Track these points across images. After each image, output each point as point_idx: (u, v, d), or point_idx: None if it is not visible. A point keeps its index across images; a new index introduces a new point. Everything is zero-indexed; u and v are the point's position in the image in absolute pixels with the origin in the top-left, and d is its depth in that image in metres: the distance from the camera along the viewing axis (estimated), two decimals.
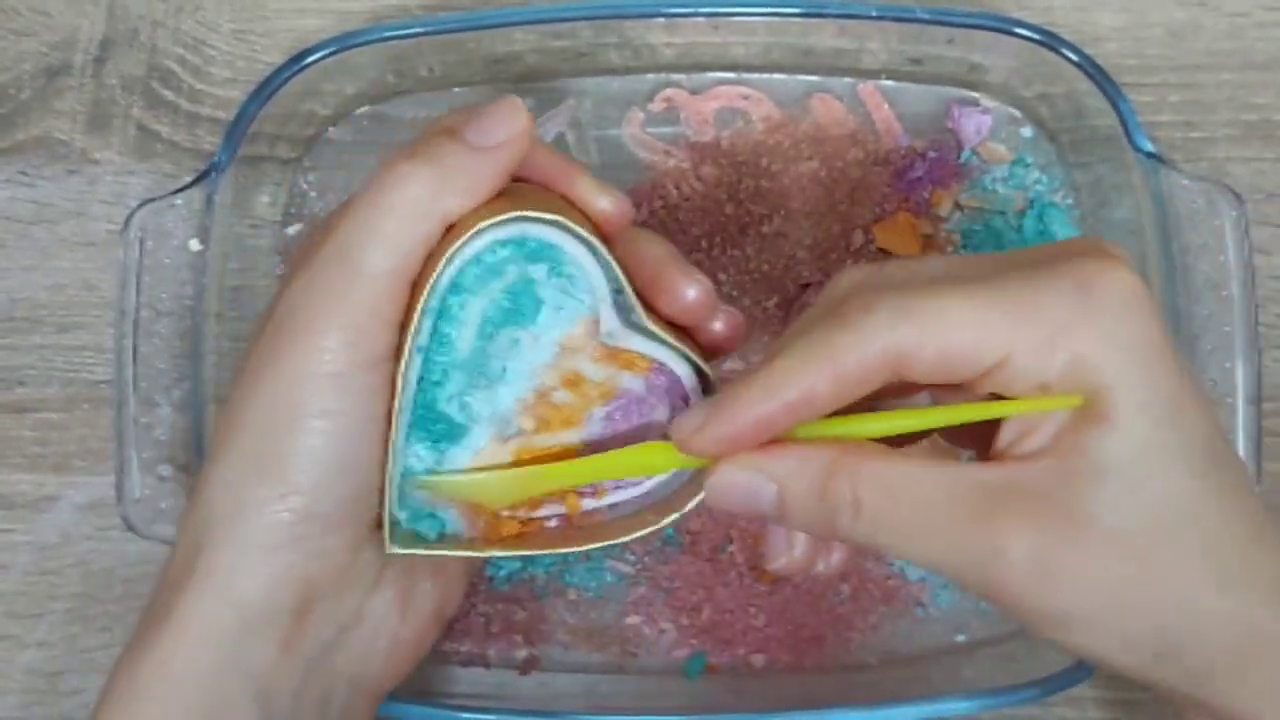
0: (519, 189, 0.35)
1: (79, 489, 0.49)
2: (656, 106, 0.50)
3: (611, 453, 0.34)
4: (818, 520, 0.31)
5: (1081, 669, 0.43)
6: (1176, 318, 0.44)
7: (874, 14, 0.46)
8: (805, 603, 0.48)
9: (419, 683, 0.47)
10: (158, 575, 0.35)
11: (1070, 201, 0.49)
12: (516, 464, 0.35)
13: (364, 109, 0.50)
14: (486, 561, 0.47)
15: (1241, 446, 0.43)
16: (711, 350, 0.36)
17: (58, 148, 0.51)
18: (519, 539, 0.35)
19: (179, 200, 0.45)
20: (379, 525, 0.34)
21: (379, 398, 0.33)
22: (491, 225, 0.32)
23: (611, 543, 0.35)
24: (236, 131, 0.45)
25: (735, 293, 0.49)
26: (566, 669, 0.48)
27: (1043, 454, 0.30)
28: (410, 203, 0.32)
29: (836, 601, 0.48)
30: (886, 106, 0.50)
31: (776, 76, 0.50)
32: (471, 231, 0.32)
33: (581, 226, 0.33)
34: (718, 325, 0.36)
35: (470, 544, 0.35)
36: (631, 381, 0.35)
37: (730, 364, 0.48)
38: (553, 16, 0.46)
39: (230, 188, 0.46)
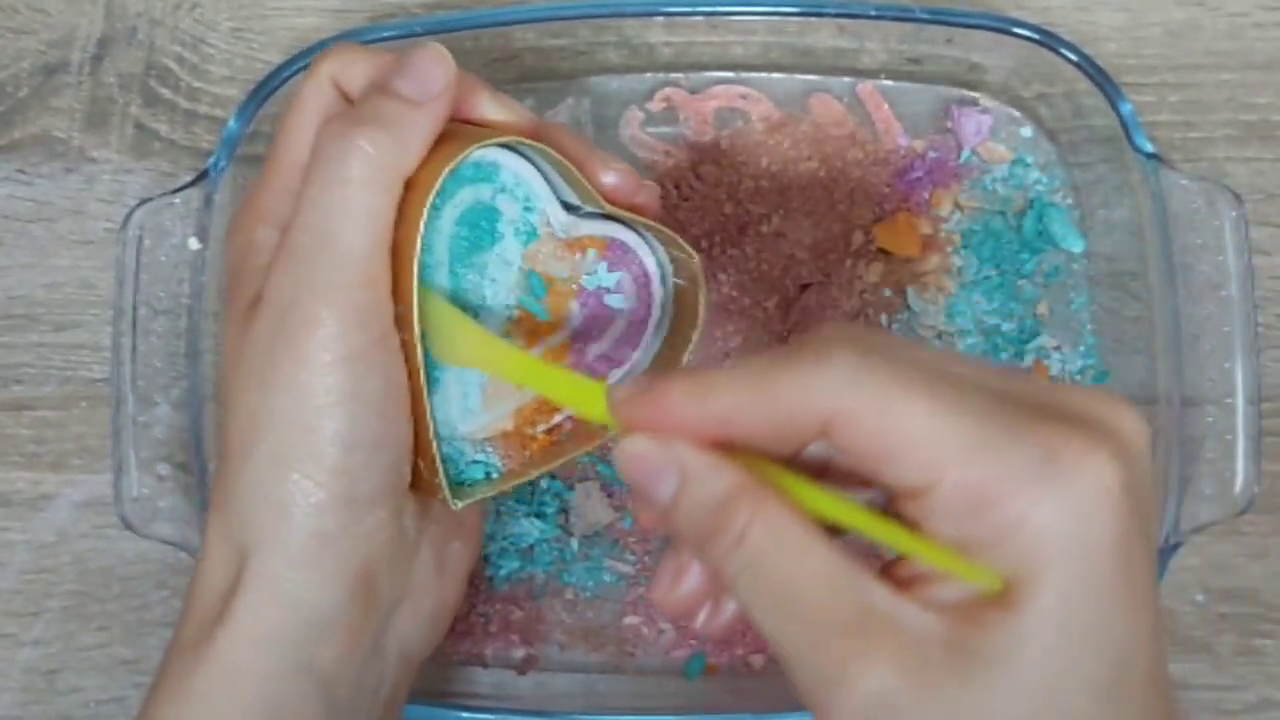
0: (449, 128, 0.35)
1: (76, 487, 0.49)
2: (655, 106, 0.50)
3: (562, 372, 0.34)
4: (697, 533, 0.29)
5: None
6: (1176, 318, 0.44)
7: (873, 14, 0.46)
8: None
9: (417, 682, 0.47)
10: (190, 586, 0.34)
11: (1070, 201, 0.49)
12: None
13: None
14: (486, 561, 0.47)
15: (1241, 446, 0.43)
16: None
17: (56, 146, 0.51)
18: (552, 448, 0.36)
19: (177, 199, 0.45)
20: (415, 488, 0.34)
21: (394, 368, 0.33)
22: (448, 171, 0.32)
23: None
24: (235, 131, 0.45)
25: (735, 293, 0.49)
26: (565, 669, 0.48)
27: (940, 605, 0.27)
28: (374, 171, 0.32)
29: None
30: (886, 106, 0.50)
31: (775, 76, 0.50)
32: (440, 180, 0.32)
33: (509, 138, 0.34)
34: (640, 200, 0.37)
35: (514, 475, 0.36)
36: (594, 266, 0.36)
37: (730, 363, 0.48)
38: (552, 16, 0.46)
39: (229, 187, 0.46)
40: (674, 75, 0.50)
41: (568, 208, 0.36)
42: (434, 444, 0.33)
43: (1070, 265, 0.49)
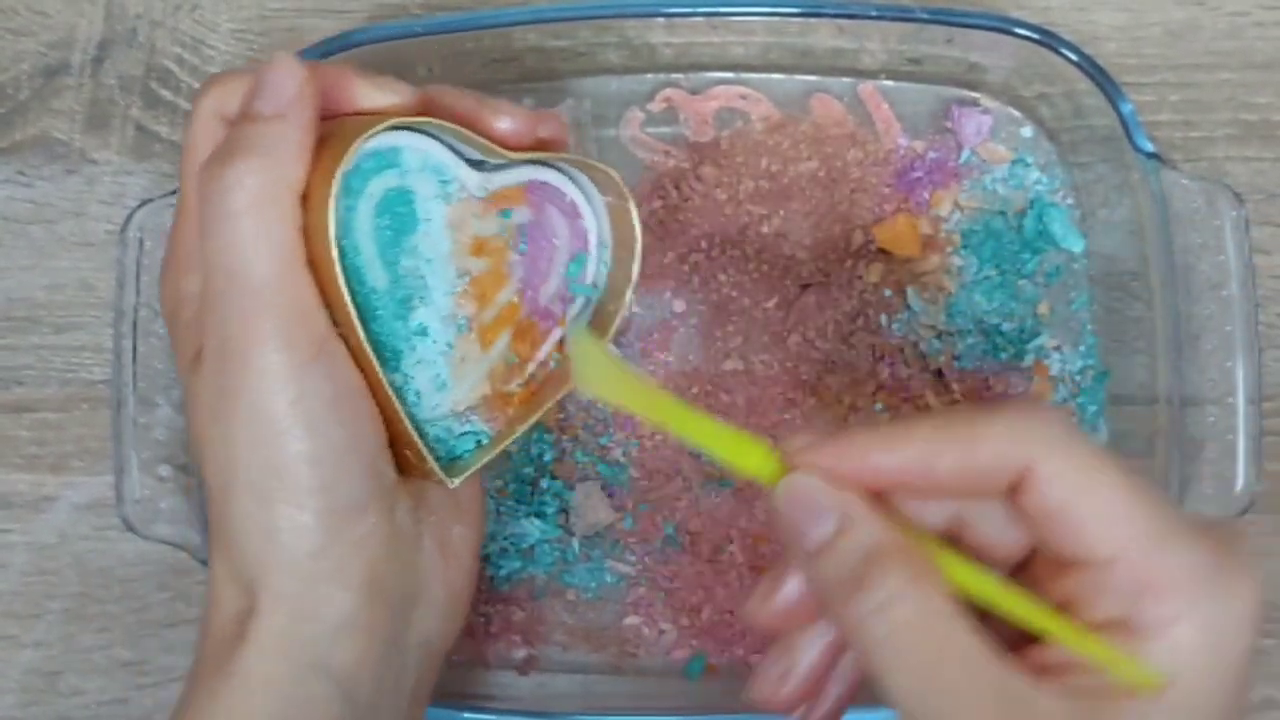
0: (335, 125, 0.35)
1: (77, 489, 0.49)
2: (656, 106, 0.50)
3: (722, 428, 0.33)
4: (839, 584, 0.29)
5: None
6: (1176, 318, 0.44)
7: (873, 14, 0.46)
8: None
9: None
10: (204, 622, 0.35)
11: (1070, 201, 0.49)
12: (484, 345, 0.37)
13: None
14: (487, 561, 0.47)
15: (1242, 446, 0.43)
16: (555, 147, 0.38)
17: (56, 147, 0.51)
18: (531, 400, 0.37)
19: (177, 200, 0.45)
20: (412, 475, 0.35)
21: (340, 376, 0.33)
22: (342, 171, 0.32)
23: (607, 339, 0.38)
24: None
25: (735, 293, 0.49)
26: (565, 669, 0.48)
27: (1076, 691, 0.28)
28: (257, 197, 0.32)
29: None
30: (886, 106, 0.50)
31: (776, 76, 0.50)
32: (334, 185, 0.32)
33: (395, 119, 0.34)
34: (546, 134, 0.37)
35: (503, 435, 0.36)
36: (518, 214, 0.37)
37: (730, 363, 0.48)
38: (552, 16, 0.46)
39: None
40: (674, 76, 0.50)
41: (477, 166, 0.36)
42: (412, 431, 0.34)
43: (1071, 265, 0.49)
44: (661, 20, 0.47)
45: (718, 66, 0.50)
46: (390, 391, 0.33)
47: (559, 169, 0.38)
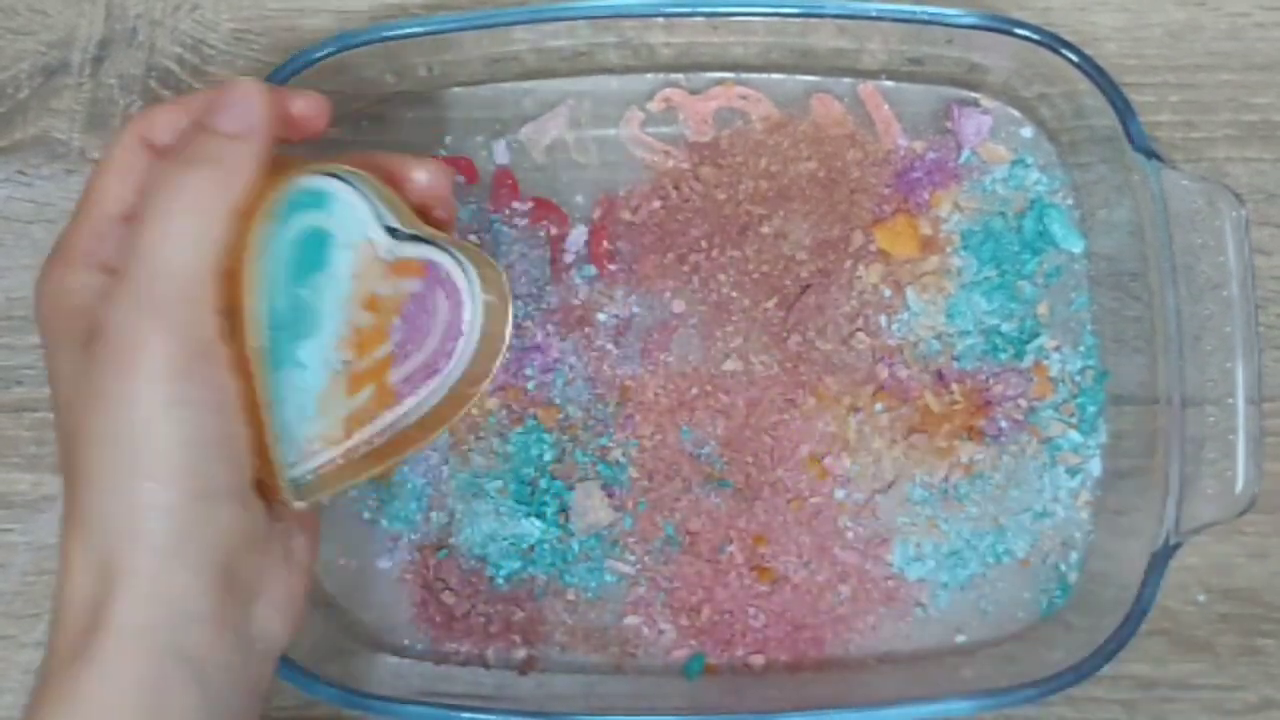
0: (278, 157, 0.38)
1: None
2: (655, 106, 0.50)
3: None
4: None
5: (1080, 670, 0.43)
6: (1177, 318, 0.44)
7: (873, 14, 0.46)
8: (805, 603, 0.48)
9: (418, 682, 0.47)
10: (56, 603, 0.35)
11: (1070, 202, 0.49)
12: (350, 391, 0.40)
13: (363, 109, 0.50)
14: (486, 561, 0.47)
15: (1242, 447, 0.43)
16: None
17: (56, 147, 0.51)
18: (376, 453, 0.40)
19: None
20: (260, 491, 0.37)
21: (221, 377, 0.35)
22: (277, 197, 0.36)
23: (454, 419, 0.41)
24: None
25: (735, 293, 0.49)
26: (565, 670, 0.48)
27: None
28: (202, 202, 0.35)
29: (836, 602, 0.48)
30: (886, 107, 0.50)
31: (776, 76, 0.50)
32: (268, 208, 0.35)
33: (335, 166, 0.38)
34: (441, 211, 0.41)
35: (344, 476, 0.40)
36: (412, 285, 0.40)
37: (730, 363, 0.48)
38: (552, 16, 0.46)
39: None
40: (674, 75, 0.50)
41: (392, 232, 0.39)
42: (274, 445, 0.36)
43: (1070, 265, 0.49)
44: (661, 20, 0.47)
45: (718, 66, 0.50)
46: (265, 402, 0.35)
47: (455, 255, 0.41)
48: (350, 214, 0.38)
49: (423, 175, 0.40)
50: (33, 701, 0.35)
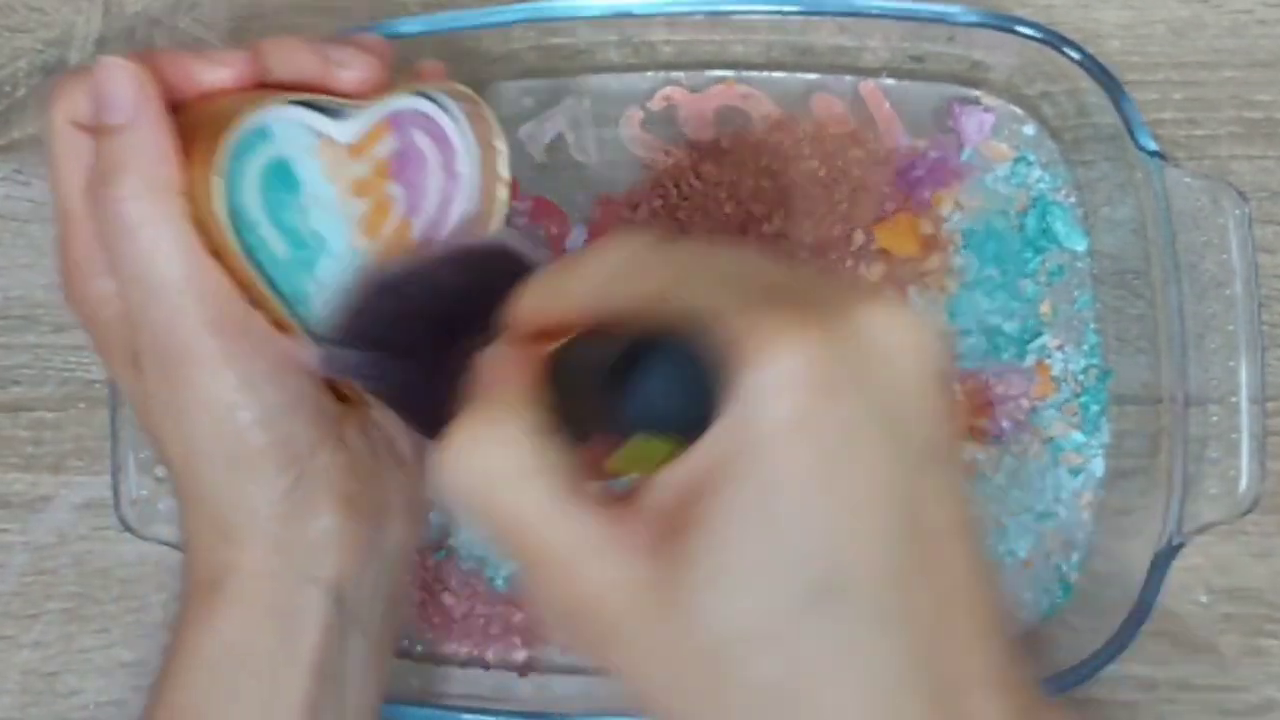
0: (195, 114, 0.36)
1: (75, 489, 0.49)
2: (656, 105, 0.50)
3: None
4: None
5: (1082, 670, 0.43)
6: (1180, 317, 0.43)
7: (875, 12, 0.45)
8: None
9: (418, 684, 0.47)
10: (185, 568, 0.37)
11: (1073, 200, 0.49)
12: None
13: None
14: (486, 563, 0.47)
15: (1245, 446, 0.43)
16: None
17: None
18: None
19: None
20: (341, 400, 0.38)
21: (271, 342, 0.36)
22: (216, 165, 0.34)
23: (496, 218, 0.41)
24: None
25: None
26: (565, 671, 0.47)
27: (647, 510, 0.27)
28: (141, 209, 0.34)
29: None
30: (887, 105, 0.50)
31: (776, 75, 0.50)
32: (216, 181, 0.34)
33: (258, 99, 0.35)
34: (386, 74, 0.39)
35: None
36: (387, 147, 0.39)
37: None
38: (552, 15, 0.46)
39: None
40: (675, 74, 0.50)
41: (337, 115, 0.38)
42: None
43: (1073, 264, 0.49)
44: (662, 18, 0.47)
45: (718, 65, 0.50)
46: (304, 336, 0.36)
47: (412, 96, 0.39)
48: (293, 129, 0.37)
49: (348, 75, 0.37)
50: (174, 636, 0.37)
